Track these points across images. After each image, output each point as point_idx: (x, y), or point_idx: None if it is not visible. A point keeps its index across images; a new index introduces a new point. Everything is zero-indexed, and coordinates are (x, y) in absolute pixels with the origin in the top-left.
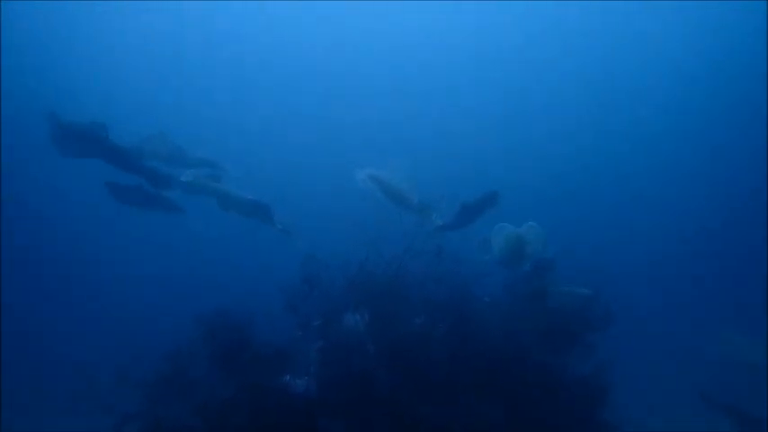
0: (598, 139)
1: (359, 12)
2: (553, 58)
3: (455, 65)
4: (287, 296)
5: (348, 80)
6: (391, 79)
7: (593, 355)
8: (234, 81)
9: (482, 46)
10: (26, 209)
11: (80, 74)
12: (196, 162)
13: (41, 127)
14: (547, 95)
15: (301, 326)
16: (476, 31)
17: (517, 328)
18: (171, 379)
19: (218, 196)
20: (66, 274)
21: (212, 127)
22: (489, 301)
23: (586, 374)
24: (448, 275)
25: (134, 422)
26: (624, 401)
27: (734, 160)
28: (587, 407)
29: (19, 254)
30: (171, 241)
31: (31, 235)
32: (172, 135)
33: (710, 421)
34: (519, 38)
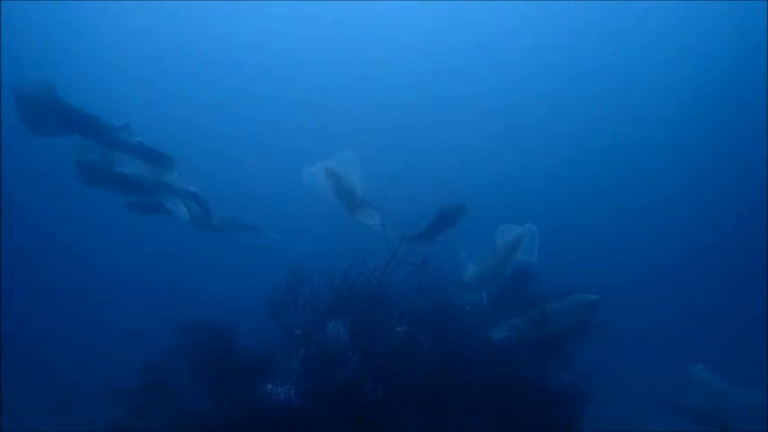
0: (594, 141)
1: (341, 11)
2: (552, 58)
3: (444, 64)
4: (270, 305)
5: (342, 82)
6: (381, 81)
7: (574, 364)
8: (216, 83)
9: (480, 45)
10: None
11: (80, 73)
12: (133, 148)
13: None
14: (546, 95)
15: (284, 334)
16: (473, 30)
17: (499, 338)
18: (152, 389)
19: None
20: (43, 281)
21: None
22: (471, 310)
23: (567, 384)
24: (431, 285)
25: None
26: (603, 411)
27: (734, 161)
28: (567, 416)
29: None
30: (152, 248)
31: (10, 240)
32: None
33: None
34: (512, 35)
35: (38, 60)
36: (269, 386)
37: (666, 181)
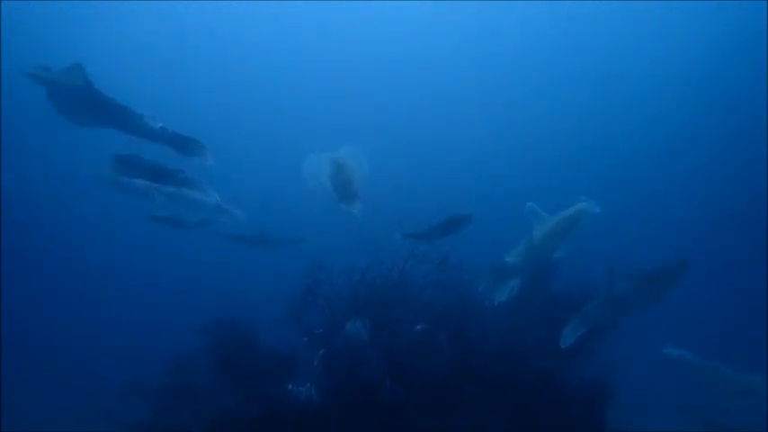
0: (592, 141)
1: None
2: (550, 57)
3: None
4: (290, 304)
5: (339, 81)
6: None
7: (596, 360)
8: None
9: (478, 44)
10: (29, 209)
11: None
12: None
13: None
14: (543, 95)
15: (305, 334)
16: (471, 30)
17: (520, 334)
18: (176, 389)
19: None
20: (68, 282)
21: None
22: (492, 307)
23: (589, 380)
24: (450, 282)
25: (140, 431)
26: (627, 408)
27: (733, 163)
28: (590, 413)
29: (21, 257)
30: (172, 250)
31: (33, 238)
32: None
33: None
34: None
35: (38, 59)
36: (290, 385)
37: (665, 180)
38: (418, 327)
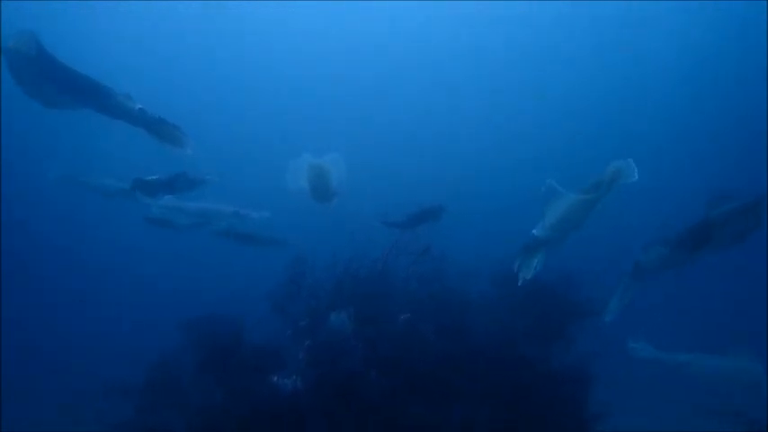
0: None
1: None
2: (548, 56)
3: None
4: (273, 297)
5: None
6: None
7: (576, 347)
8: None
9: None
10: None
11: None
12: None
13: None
14: (545, 93)
15: (289, 326)
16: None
17: (503, 323)
18: (160, 386)
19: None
20: (48, 280)
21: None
22: (474, 296)
23: (570, 366)
24: (433, 273)
25: (124, 430)
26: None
27: (733, 163)
28: (572, 400)
29: (11, 257)
30: (154, 245)
31: (12, 237)
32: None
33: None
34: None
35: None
36: (275, 378)
37: (665, 180)
38: (402, 317)
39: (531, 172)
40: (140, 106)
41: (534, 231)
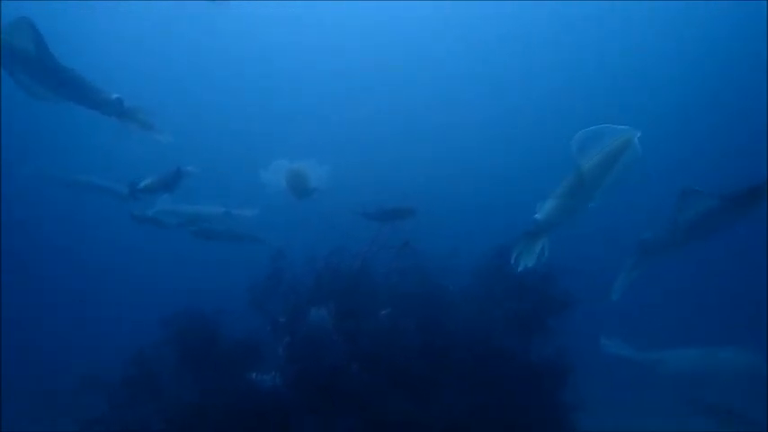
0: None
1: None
2: (547, 55)
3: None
4: (252, 293)
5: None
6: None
7: (554, 339)
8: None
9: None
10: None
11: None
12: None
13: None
14: (541, 94)
15: (268, 322)
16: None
17: (483, 315)
18: (136, 382)
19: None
20: (48, 280)
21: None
22: (454, 290)
23: (549, 358)
24: (413, 267)
25: (98, 427)
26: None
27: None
28: (551, 390)
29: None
30: (131, 239)
31: (12, 237)
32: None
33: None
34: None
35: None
36: (254, 374)
37: (664, 179)
38: (383, 312)
39: (521, 172)
40: (117, 95)
41: (536, 216)
